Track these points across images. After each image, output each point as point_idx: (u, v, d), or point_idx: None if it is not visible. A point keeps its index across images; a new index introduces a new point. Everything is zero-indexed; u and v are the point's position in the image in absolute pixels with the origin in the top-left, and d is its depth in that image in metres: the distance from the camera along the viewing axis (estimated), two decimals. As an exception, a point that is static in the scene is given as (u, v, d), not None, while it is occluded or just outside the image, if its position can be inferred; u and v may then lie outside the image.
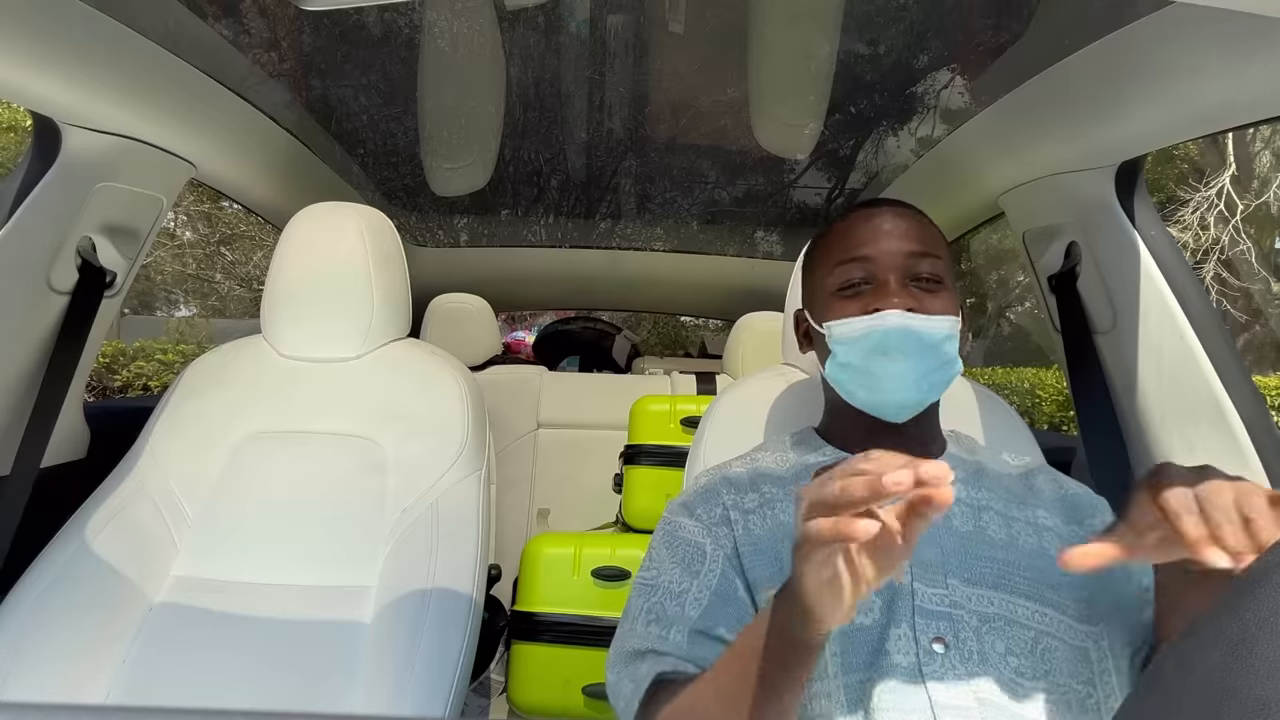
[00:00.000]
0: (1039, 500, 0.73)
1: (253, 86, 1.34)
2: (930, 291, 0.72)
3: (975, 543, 0.67)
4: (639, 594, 0.70)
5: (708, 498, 0.75)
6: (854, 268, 0.73)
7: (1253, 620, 0.25)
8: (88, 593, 0.97)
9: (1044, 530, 0.69)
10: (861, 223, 0.75)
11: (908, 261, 0.72)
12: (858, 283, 0.73)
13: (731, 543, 0.71)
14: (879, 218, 0.74)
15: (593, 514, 1.93)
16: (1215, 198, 7.84)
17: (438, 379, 1.17)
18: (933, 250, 0.73)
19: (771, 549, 0.69)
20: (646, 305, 3.16)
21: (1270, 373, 7.69)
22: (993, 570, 0.65)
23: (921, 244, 0.73)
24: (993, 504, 0.71)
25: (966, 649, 0.61)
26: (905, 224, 0.74)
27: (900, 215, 0.75)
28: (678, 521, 0.74)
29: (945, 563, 0.66)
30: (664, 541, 0.74)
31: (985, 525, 0.69)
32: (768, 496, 0.74)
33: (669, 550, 0.72)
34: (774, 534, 0.70)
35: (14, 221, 1.04)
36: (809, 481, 0.69)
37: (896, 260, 0.72)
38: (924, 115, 1.63)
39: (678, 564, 0.70)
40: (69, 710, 0.28)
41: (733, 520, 0.72)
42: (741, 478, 0.77)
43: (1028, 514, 0.71)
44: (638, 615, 0.68)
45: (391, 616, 0.98)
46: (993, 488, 0.73)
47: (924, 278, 0.72)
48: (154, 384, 7.18)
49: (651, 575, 0.71)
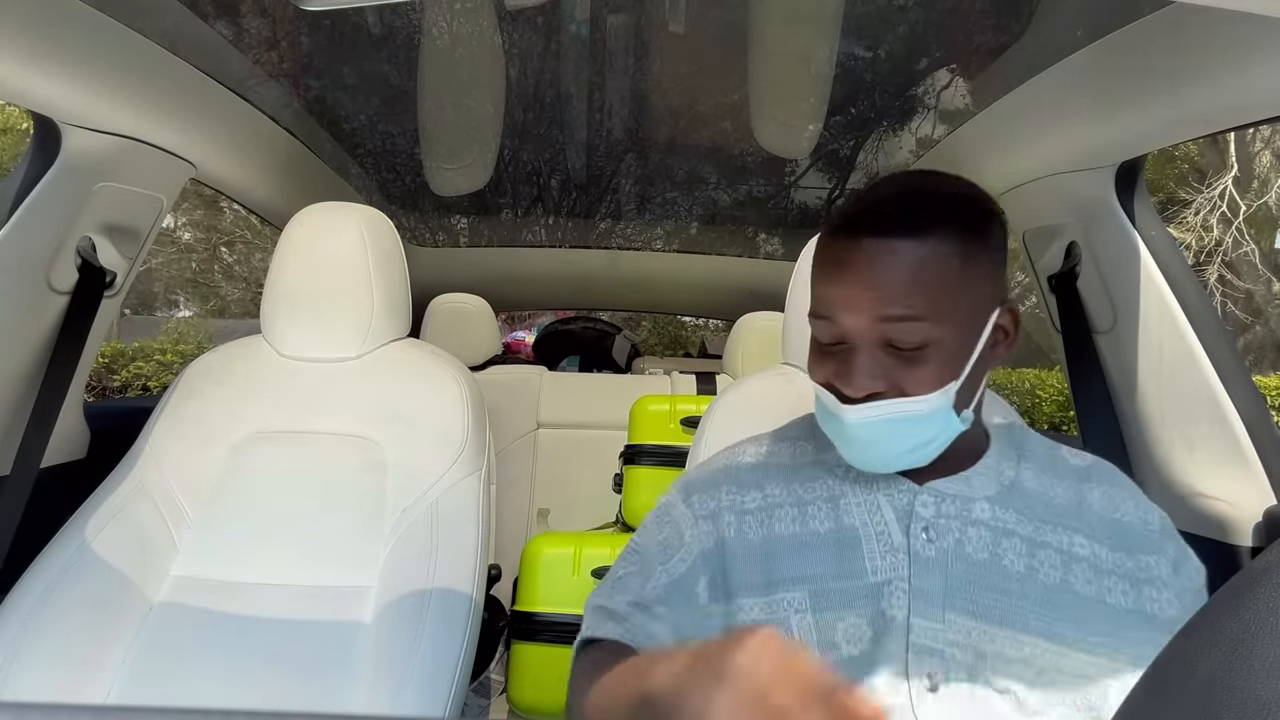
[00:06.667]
0: (1081, 522, 0.64)
1: (253, 86, 1.34)
2: (911, 360, 0.60)
3: (987, 572, 0.61)
4: (624, 559, 0.73)
5: (708, 487, 0.72)
6: (824, 326, 0.63)
7: (1253, 620, 0.25)
8: (88, 593, 0.97)
9: (1074, 561, 0.61)
10: (837, 262, 0.61)
11: (881, 328, 0.59)
12: (828, 343, 0.63)
13: (714, 540, 0.68)
14: (857, 257, 0.60)
15: (593, 514, 1.92)
16: (1218, 199, 7.85)
17: (438, 379, 1.17)
18: (914, 311, 0.58)
19: (762, 557, 0.66)
20: (646, 305, 3.16)
21: (1270, 373, 7.69)
22: (1000, 604, 0.60)
23: (903, 302, 0.58)
24: (1019, 528, 0.63)
25: (958, 690, 0.58)
26: (887, 269, 0.59)
27: (879, 255, 0.59)
28: (674, 501, 0.74)
29: (948, 594, 0.61)
30: (657, 516, 0.74)
31: (1003, 553, 0.62)
32: (770, 499, 0.70)
33: (656, 526, 0.73)
34: (767, 542, 0.67)
35: (14, 221, 1.04)
36: (822, 478, 0.69)
37: (864, 326, 0.60)
38: (924, 115, 1.63)
39: (659, 541, 0.71)
40: (69, 710, 0.28)
41: (726, 521, 0.69)
42: (748, 470, 0.73)
43: (1061, 539, 0.62)
44: (611, 578, 0.72)
45: (391, 616, 0.98)
46: (1026, 508, 0.64)
47: (901, 345, 0.60)
48: (153, 384, 7.18)
49: (637, 543, 0.73)
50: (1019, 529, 0.63)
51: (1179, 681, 0.27)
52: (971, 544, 0.62)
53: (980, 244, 0.61)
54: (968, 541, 0.62)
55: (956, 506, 0.64)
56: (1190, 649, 0.27)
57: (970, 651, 0.59)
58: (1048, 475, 0.67)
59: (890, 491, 0.66)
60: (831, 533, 0.65)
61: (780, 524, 0.67)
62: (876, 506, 0.66)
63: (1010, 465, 0.67)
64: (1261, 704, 0.23)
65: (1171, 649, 0.29)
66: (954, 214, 0.61)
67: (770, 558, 0.66)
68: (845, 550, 0.64)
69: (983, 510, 0.64)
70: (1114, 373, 1.17)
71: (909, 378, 0.60)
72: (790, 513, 0.68)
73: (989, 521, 0.63)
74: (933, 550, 0.62)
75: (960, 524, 0.63)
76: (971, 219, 0.62)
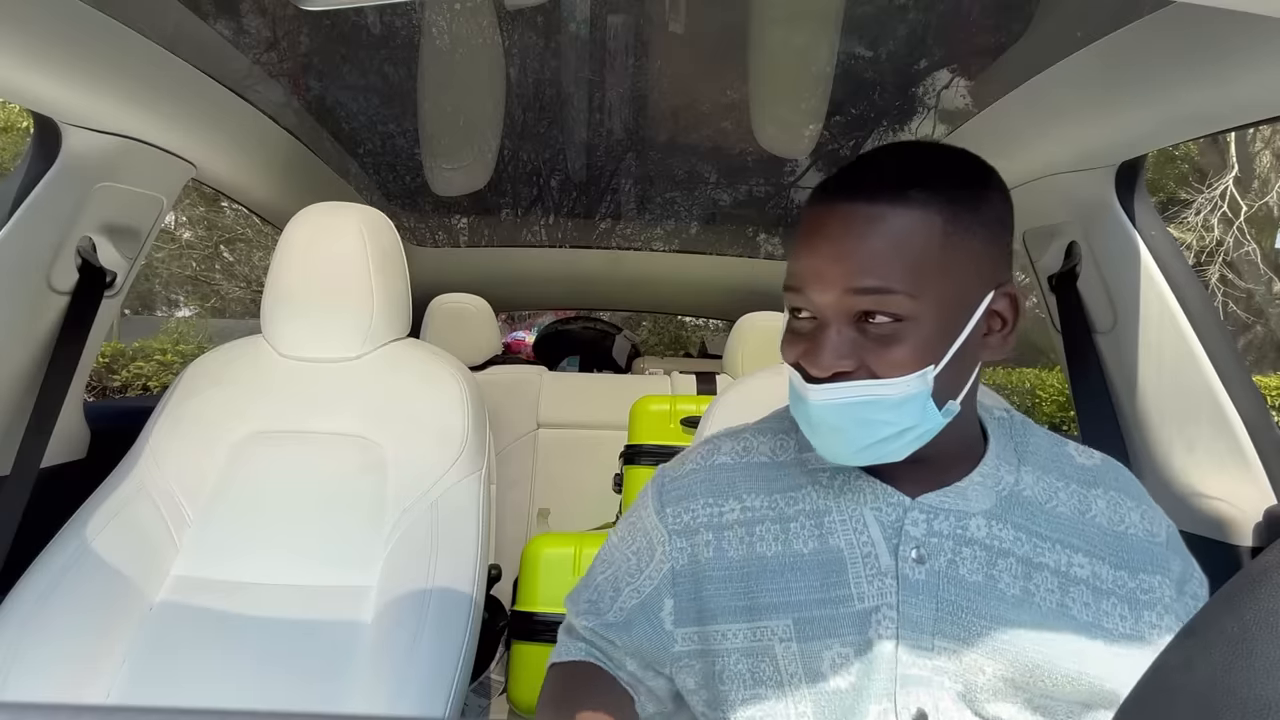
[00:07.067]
0: (1082, 538, 0.59)
1: (253, 86, 1.34)
2: (883, 340, 0.55)
3: (980, 598, 0.57)
4: (602, 559, 0.72)
5: (683, 497, 0.67)
6: (794, 298, 0.58)
7: (1253, 620, 0.25)
8: (88, 593, 0.97)
9: (1072, 584, 0.57)
10: (811, 231, 0.58)
11: (850, 301, 0.54)
12: (800, 317, 0.59)
13: (687, 558, 0.64)
14: (830, 223, 0.56)
15: (593, 514, 1.92)
16: (1219, 199, 7.84)
17: (438, 379, 1.17)
18: (886, 283, 0.53)
19: (742, 579, 0.61)
20: (647, 305, 3.16)
21: (1270, 373, 7.69)
22: (994, 632, 0.56)
23: (874, 272, 0.53)
24: (1015, 548, 0.58)
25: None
26: (859, 237, 0.54)
27: (852, 222, 0.55)
28: (648, 506, 0.69)
29: (938, 621, 0.57)
30: (630, 519, 0.71)
31: (998, 575, 0.57)
32: (750, 513, 0.64)
33: (630, 532, 0.70)
34: (748, 562, 0.62)
35: (14, 221, 1.04)
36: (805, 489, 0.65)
37: (831, 299, 0.55)
38: (924, 115, 1.63)
39: (632, 552, 0.69)
40: (69, 710, 0.28)
41: (703, 539, 0.64)
42: (726, 475, 0.67)
43: (1059, 559, 0.58)
44: (588, 584, 0.72)
45: (391, 616, 0.98)
46: (1024, 522, 0.59)
47: (873, 320, 0.55)
48: (153, 384, 7.18)
49: (614, 545, 0.72)
50: (1015, 549, 0.58)
51: (1179, 681, 0.27)
52: (965, 565, 0.58)
53: (971, 215, 0.56)
54: (961, 563, 0.58)
55: (950, 524, 0.59)
56: (1190, 649, 0.27)
57: (960, 680, 0.56)
58: (1051, 477, 0.62)
59: (878, 506, 0.61)
60: (815, 554, 0.60)
61: (762, 543, 0.62)
62: (863, 524, 0.60)
63: (1009, 469, 0.62)
64: (1262, 704, 0.23)
65: (1171, 649, 0.29)
66: (938, 179, 0.56)
67: (752, 579, 0.61)
68: (830, 574, 0.60)
69: (978, 528, 0.59)
70: (1114, 373, 1.17)
71: (881, 359, 0.54)
72: (772, 530, 0.63)
73: (984, 540, 0.58)
74: (922, 573, 0.58)
75: (954, 543, 0.58)
76: (960, 186, 0.56)
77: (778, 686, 0.59)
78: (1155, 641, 0.57)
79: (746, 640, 0.60)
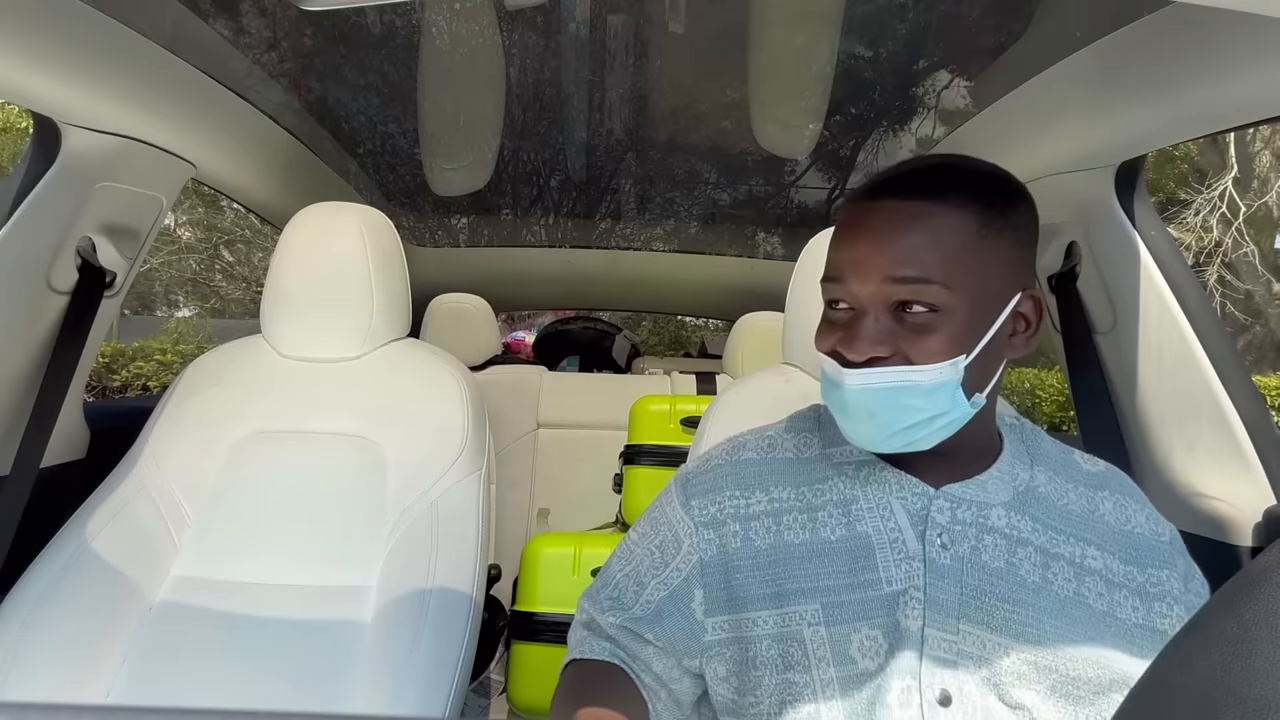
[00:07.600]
0: (1093, 534, 0.62)
1: (253, 86, 1.34)
2: (919, 329, 0.58)
3: (1003, 583, 0.59)
4: (620, 556, 0.72)
5: (709, 491, 0.69)
6: (833, 289, 0.62)
7: (1253, 620, 0.25)
8: (87, 593, 0.97)
9: (1087, 574, 0.60)
10: (853, 224, 0.62)
11: (889, 289, 0.58)
12: (838, 308, 0.62)
13: (716, 548, 0.66)
14: (874, 217, 0.60)
15: (593, 514, 1.92)
16: (1218, 199, 7.85)
17: (438, 379, 1.17)
18: (925, 273, 0.57)
19: (770, 566, 0.64)
20: (646, 305, 3.16)
21: (1270, 373, 7.70)
22: (1016, 616, 0.58)
23: (914, 263, 0.57)
24: (1034, 538, 0.61)
25: (970, 703, 0.56)
26: (901, 230, 0.58)
27: (895, 216, 0.59)
28: (672, 501, 0.71)
29: (963, 604, 0.59)
30: (652, 515, 0.72)
31: (1019, 563, 0.60)
32: (777, 503, 0.66)
33: (653, 527, 0.71)
34: (776, 550, 0.64)
35: (14, 221, 1.04)
36: (831, 480, 0.67)
37: (871, 288, 0.59)
38: (924, 115, 1.63)
39: (655, 546, 0.69)
40: (69, 710, 0.28)
41: (730, 530, 0.66)
42: (753, 469, 0.69)
43: (1074, 550, 0.61)
44: (606, 583, 0.71)
45: (391, 616, 0.98)
46: (1040, 515, 0.63)
47: (910, 309, 0.58)
48: (153, 384, 7.19)
49: (634, 541, 0.72)
50: (1033, 538, 0.61)
51: (1179, 681, 0.27)
52: (987, 552, 0.60)
53: (1002, 219, 0.60)
54: (984, 549, 0.61)
55: (972, 513, 0.62)
56: (1190, 649, 0.27)
57: (984, 664, 0.57)
58: (1061, 479, 0.66)
59: (904, 495, 0.63)
60: (844, 540, 0.63)
61: (789, 531, 0.65)
62: (890, 512, 0.63)
63: (1024, 468, 0.65)
64: (1262, 704, 0.23)
65: (1171, 649, 0.29)
66: (973, 186, 0.60)
67: (780, 567, 0.63)
68: (859, 559, 0.62)
69: (999, 517, 0.62)
70: (1114, 373, 1.17)
71: (916, 346, 0.58)
72: (800, 519, 0.65)
73: (1004, 529, 0.61)
74: (948, 558, 0.60)
75: (976, 531, 0.61)
76: (994, 193, 0.61)
77: (806, 670, 0.60)
78: (1166, 631, 0.59)
79: (776, 626, 0.62)
